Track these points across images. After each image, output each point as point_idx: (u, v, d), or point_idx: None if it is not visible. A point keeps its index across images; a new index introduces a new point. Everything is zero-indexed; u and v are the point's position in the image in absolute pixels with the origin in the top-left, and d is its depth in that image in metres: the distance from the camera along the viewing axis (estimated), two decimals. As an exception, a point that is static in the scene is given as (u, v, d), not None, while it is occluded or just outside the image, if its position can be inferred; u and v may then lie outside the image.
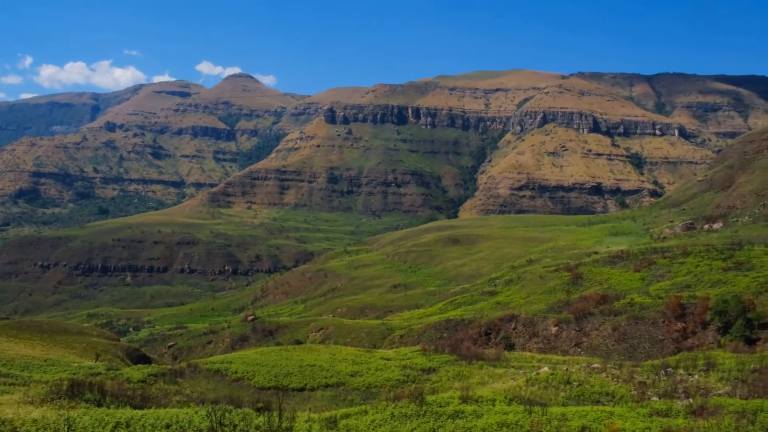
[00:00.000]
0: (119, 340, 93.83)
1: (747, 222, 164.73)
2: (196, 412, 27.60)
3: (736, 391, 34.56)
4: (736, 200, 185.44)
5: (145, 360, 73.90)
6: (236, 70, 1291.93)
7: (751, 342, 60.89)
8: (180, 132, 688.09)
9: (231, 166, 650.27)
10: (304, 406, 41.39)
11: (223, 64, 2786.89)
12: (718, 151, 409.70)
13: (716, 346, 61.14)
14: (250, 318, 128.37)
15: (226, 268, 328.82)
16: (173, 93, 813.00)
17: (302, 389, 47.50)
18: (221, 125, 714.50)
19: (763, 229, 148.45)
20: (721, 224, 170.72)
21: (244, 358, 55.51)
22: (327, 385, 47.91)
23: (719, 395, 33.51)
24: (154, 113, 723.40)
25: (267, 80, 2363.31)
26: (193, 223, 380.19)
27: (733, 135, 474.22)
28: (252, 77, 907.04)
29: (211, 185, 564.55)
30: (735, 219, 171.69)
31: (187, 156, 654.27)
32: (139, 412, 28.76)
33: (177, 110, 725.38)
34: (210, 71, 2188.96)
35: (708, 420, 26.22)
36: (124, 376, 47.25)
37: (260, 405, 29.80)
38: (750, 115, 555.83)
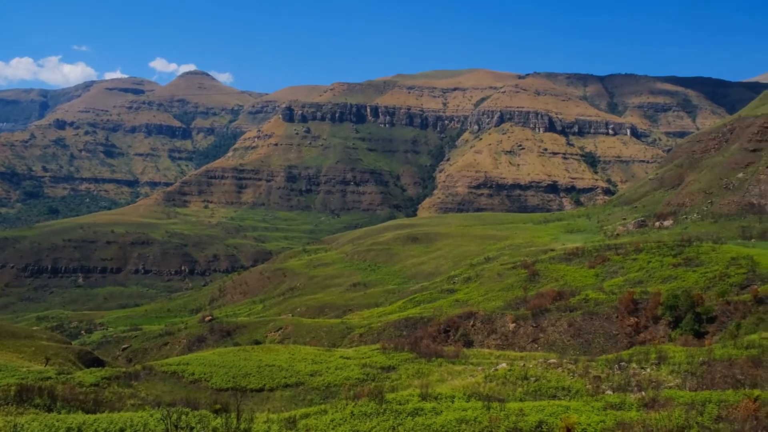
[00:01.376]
0: (70, 344, 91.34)
1: (696, 219, 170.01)
2: (151, 415, 27.05)
3: (686, 384, 35.59)
4: (685, 198, 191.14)
5: (98, 363, 72.00)
6: (191, 68, 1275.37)
7: (699, 335, 62.87)
8: (134, 130, 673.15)
9: (187, 165, 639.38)
10: (263, 407, 40.99)
11: (177, 61, 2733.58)
12: (668, 150, 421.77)
13: (667, 339, 62.93)
14: (207, 318, 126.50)
15: (183, 268, 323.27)
16: (126, 90, 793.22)
17: (261, 390, 47.06)
18: (176, 123, 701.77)
19: (711, 226, 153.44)
20: (671, 221, 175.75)
21: (202, 360, 54.67)
22: (286, 385, 47.58)
23: (670, 388, 34.46)
24: (107, 111, 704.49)
25: (223, 78, 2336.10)
26: (147, 222, 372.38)
27: (682, 135, 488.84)
28: (208, 75, 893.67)
29: (167, 184, 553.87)
30: (684, 216, 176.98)
31: (141, 154, 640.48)
32: (92, 417, 28.04)
33: (130, 108, 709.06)
34: (164, 68, 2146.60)
35: (659, 412, 26.93)
36: (76, 380, 45.99)
37: (218, 406, 29.39)
38: (698, 116, 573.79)
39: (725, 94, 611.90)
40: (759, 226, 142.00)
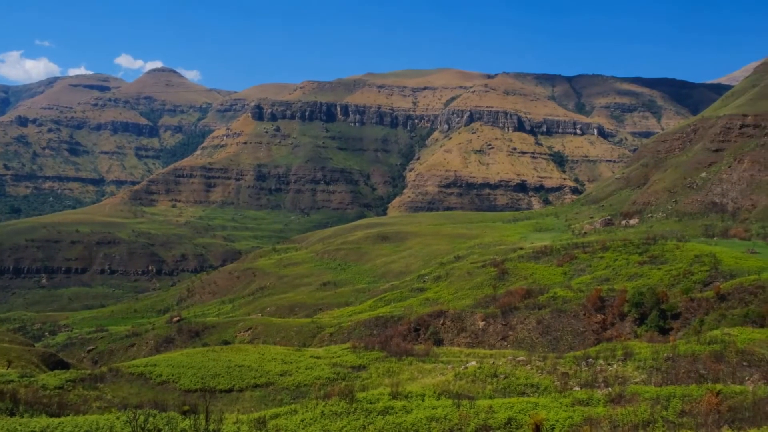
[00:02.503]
0: (33, 346, 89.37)
1: (660, 218, 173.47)
2: (117, 418, 26.60)
3: (651, 379, 36.30)
4: (650, 197, 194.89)
5: (63, 365, 70.55)
6: (158, 64, 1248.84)
7: (664, 332, 64.18)
8: (99, 127, 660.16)
9: (154, 163, 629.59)
10: (232, 408, 40.62)
11: (143, 57, 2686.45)
12: (634, 150, 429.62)
13: (633, 336, 64.09)
14: (175, 319, 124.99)
15: (150, 268, 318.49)
16: (91, 87, 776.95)
17: (230, 390, 46.65)
18: (143, 121, 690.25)
19: (675, 224, 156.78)
20: (637, 220, 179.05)
21: (169, 361, 53.95)
22: (256, 386, 47.25)
23: (636, 383, 35.09)
24: (71, 107, 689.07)
25: (191, 75, 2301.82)
26: (113, 222, 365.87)
27: (647, 135, 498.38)
28: (175, 72, 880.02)
29: (133, 183, 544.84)
30: (650, 215, 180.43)
31: (106, 152, 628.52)
32: (56, 420, 27.48)
33: (95, 105, 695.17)
34: (130, 65, 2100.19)
35: (626, 407, 27.40)
36: (40, 383, 45.00)
37: (186, 408, 29.04)
38: (663, 116, 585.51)
39: (689, 95, 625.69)
40: (721, 224, 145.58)
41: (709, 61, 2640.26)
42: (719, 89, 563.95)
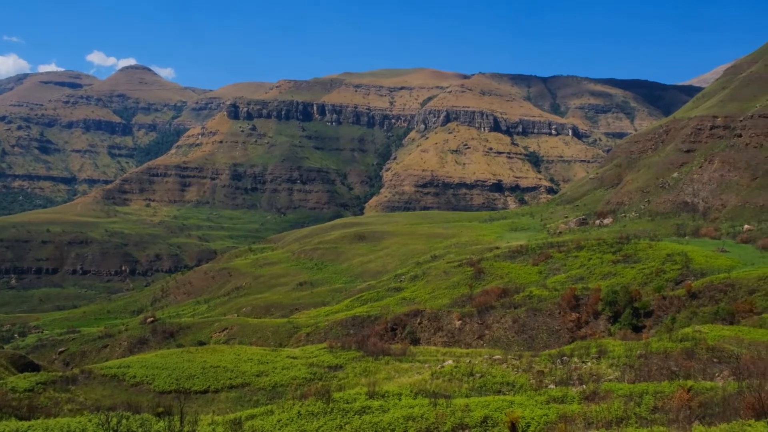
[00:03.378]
0: (2, 348, 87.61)
1: (633, 217, 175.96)
2: (89, 421, 26.19)
3: (625, 376, 36.77)
4: (624, 197, 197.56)
5: (33, 368, 69.16)
6: (131, 62, 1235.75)
7: (637, 329, 65.15)
8: (70, 125, 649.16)
9: (127, 162, 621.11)
10: (207, 409, 40.26)
11: (116, 54, 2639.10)
12: (608, 150, 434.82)
13: (607, 334, 64.92)
14: (149, 320, 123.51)
15: (123, 268, 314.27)
16: (62, 84, 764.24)
17: (206, 391, 46.23)
18: (116, 119, 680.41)
19: (648, 223, 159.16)
20: (610, 219, 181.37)
21: (143, 362, 53.30)
22: (231, 386, 46.89)
23: (610, 381, 35.52)
24: (41, 105, 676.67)
25: (165, 73, 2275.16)
26: (86, 221, 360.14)
27: (621, 135, 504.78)
28: (149, 69, 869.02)
29: (106, 182, 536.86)
30: (623, 214, 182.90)
31: (78, 151, 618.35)
32: (26, 424, 26.99)
33: (67, 102, 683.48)
34: (102, 62, 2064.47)
35: (600, 404, 27.74)
36: (9, 386, 44.11)
37: (161, 410, 28.71)
38: (636, 117, 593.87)
39: (661, 97, 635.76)
40: (692, 223, 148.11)
41: (681, 63, 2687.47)
42: (690, 91, 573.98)
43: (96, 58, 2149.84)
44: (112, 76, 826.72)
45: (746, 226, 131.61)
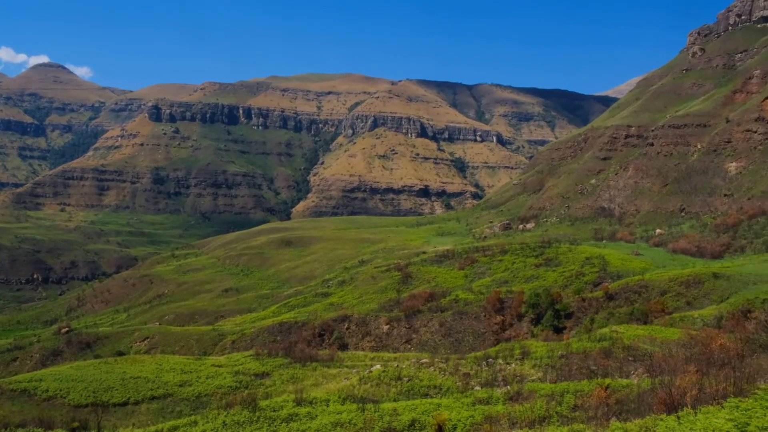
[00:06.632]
0: None
1: (555, 222, 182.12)
2: (-3, 439, 24.66)
3: (547, 376, 37.87)
4: (545, 202, 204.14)
5: (-66, 384, 64.52)
6: (44, 59, 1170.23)
7: (559, 330, 67.33)
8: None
9: (40, 164, 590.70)
10: (127, 422, 38.71)
11: (27, 51, 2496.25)
12: (531, 157, 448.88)
13: (530, 335, 66.76)
14: (64, 330, 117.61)
15: (35, 276, 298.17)
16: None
17: (125, 404, 44.45)
18: (28, 119, 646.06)
19: (568, 228, 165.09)
20: (533, 224, 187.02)
21: (57, 375, 50.73)
22: (153, 398, 45.30)
23: (533, 381, 36.49)
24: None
25: (81, 72, 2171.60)
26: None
27: (542, 143, 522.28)
28: (64, 68, 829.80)
29: (16, 185, 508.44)
30: (545, 219, 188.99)
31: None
32: (-75, 445, 25.13)
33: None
34: (12, 59, 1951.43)
35: (523, 404, 28.44)
36: None
37: (75, 424, 27.40)
38: (556, 126, 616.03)
39: (580, 106, 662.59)
40: (609, 228, 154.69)
41: (598, 74, 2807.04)
42: (607, 101, 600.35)
43: (5, 54, 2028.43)
44: (23, 74, 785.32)
45: (658, 231, 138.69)
